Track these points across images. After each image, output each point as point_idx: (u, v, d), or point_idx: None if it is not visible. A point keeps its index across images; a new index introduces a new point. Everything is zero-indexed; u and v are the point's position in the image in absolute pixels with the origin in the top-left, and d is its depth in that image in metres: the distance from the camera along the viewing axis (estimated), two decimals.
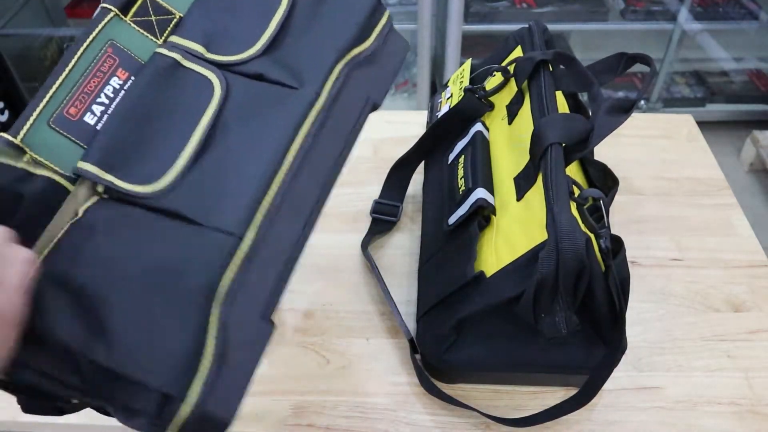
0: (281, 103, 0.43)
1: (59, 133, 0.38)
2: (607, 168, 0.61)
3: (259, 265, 0.39)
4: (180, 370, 0.34)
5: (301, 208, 0.43)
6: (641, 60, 0.56)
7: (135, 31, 0.43)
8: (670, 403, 0.58)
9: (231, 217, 0.39)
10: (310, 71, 0.45)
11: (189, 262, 0.37)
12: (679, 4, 1.87)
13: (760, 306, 0.66)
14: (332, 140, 0.46)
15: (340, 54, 0.47)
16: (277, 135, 0.42)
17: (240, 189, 0.40)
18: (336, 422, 0.58)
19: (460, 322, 0.55)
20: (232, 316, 0.36)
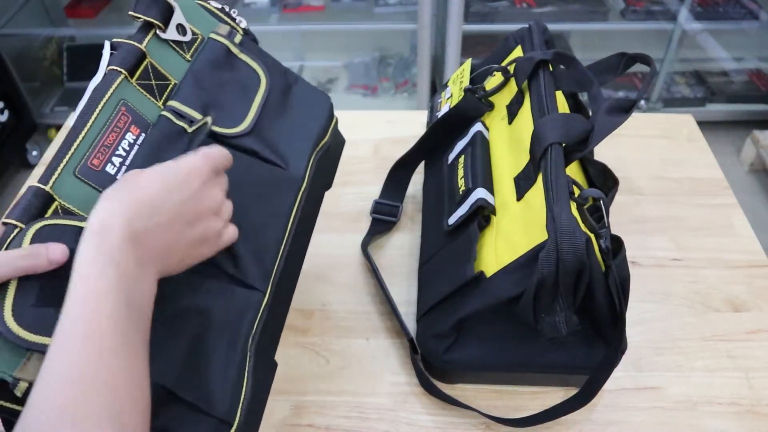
0: (278, 181, 0.52)
1: (84, 182, 0.42)
2: (607, 168, 0.61)
3: (273, 312, 0.48)
4: (231, 400, 0.42)
5: (296, 263, 0.55)
6: (641, 60, 0.56)
7: (140, 93, 0.48)
8: (670, 403, 0.58)
9: (257, 276, 0.47)
10: (294, 158, 0.54)
11: (240, 315, 0.45)
12: (679, 4, 1.87)
13: (760, 306, 0.66)
14: (310, 212, 0.57)
15: (314, 145, 0.57)
16: (281, 208, 0.51)
17: (261, 251, 0.48)
18: (336, 422, 0.58)
19: (460, 322, 0.55)
20: (257, 354, 0.45)
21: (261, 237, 0.49)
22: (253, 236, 0.48)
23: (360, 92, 2.06)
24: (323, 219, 0.77)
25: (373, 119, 0.92)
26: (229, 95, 0.52)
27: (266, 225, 0.50)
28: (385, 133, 0.89)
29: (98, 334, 0.32)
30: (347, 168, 0.84)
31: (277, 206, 0.51)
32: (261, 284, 0.47)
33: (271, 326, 0.49)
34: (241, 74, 0.54)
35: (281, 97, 0.56)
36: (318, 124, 0.58)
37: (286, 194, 0.52)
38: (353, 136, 0.90)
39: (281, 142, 0.54)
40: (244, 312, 0.45)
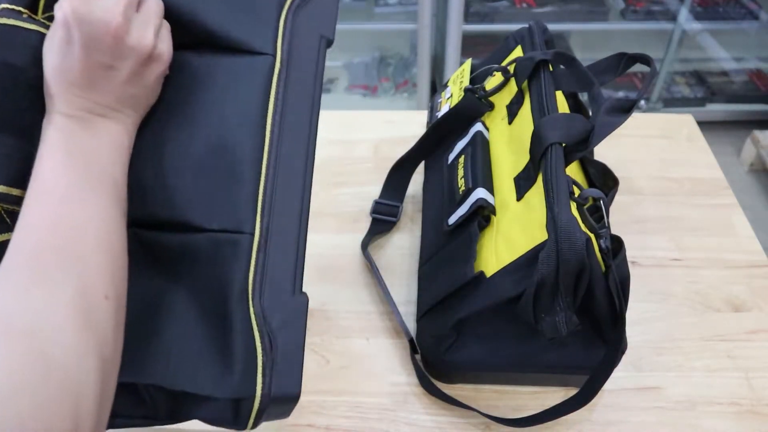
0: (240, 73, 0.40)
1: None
2: (607, 168, 0.61)
3: (274, 249, 0.39)
4: (241, 375, 0.35)
5: (294, 175, 0.41)
6: (641, 60, 0.56)
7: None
8: (670, 403, 0.58)
9: (234, 217, 0.38)
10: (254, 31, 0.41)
11: (220, 276, 0.37)
12: (679, 4, 1.87)
13: (760, 306, 0.66)
14: (301, 92, 0.42)
15: (280, 5, 0.42)
16: (249, 114, 0.39)
17: (233, 184, 0.38)
18: (336, 422, 0.58)
19: (460, 322, 0.55)
20: (265, 304, 0.37)
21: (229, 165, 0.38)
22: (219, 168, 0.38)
23: (360, 92, 2.06)
24: (323, 219, 0.77)
25: (373, 119, 0.92)
26: None
27: (232, 144, 0.38)
28: (385, 133, 0.89)
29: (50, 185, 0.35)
30: (347, 168, 0.84)
31: (240, 113, 0.39)
32: (245, 224, 0.37)
33: (279, 261, 0.39)
34: None
35: None
36: None
37: (250, 88, 0.39)
38: (353, 136, 0.90)
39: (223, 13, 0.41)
40: (232, 266, 0.37)
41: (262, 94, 0.39)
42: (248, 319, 0.36)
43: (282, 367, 0.37)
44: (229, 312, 0.36)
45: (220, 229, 0.37)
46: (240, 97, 0.39)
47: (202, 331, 0.37)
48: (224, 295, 0.37)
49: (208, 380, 0.36)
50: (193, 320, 0.37)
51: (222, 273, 0.37)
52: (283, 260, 0.39)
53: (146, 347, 0.36)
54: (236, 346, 0.36)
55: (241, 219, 0.37)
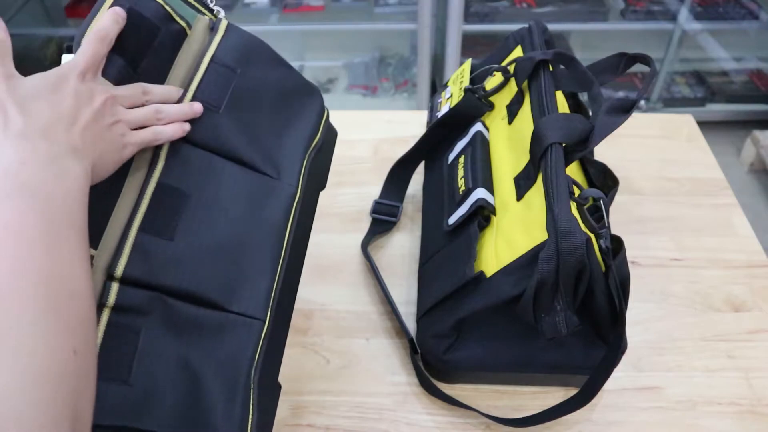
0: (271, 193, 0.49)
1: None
2: (607, 168, 0.61)
3: (274, 337, 0.46)
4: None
5: (294, 279, 0.51)
6: (641, 60, 0.56)
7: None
8: (670, 403, 0.58)
9: (253, 302, 0.44)
10: (286, 164, 0.51)
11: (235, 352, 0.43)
12: (679, 4, 1.87)
13: (760, 306, 0.66)
14: (305, 222, 0.53)
15: (305, 149, 0.53)
16: (276, 223, 0.48)
17: (257, 274, 0.45)
18: (336, 422, 0.58)
19: (460, 322, 0.55)
20: (261, 383, 0.43)
21: (254, 260, 0.45)
22: (245, 260, 0.45)
23: (360, 92, 2.06)
24: (323, 219, 0.77)
25: (373, 119, 0.92)
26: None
27: (259, 246, 0.46)
28: (385, 133, 0.89)
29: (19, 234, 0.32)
30: (347, 168, 0.84)
31: (269, 223, 0.47)
32: (260, 312, 0.44)
33: (273, 350, 0.46)
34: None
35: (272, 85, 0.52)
36: (310, 121, 0.55)
37: (279, 207, 0.48)
38: (353, 136, 0.90)
39: (271, 143, 0.50)
40: (244, 345, 0.43)
41: (285, 214, 0.49)
42: (249, 394, 0.42)
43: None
44: (239, 384, 0.42)
45: (239, 312, 0.44)
46: (269, 212, 0.48)
47: (214, 396, 0.41)
48: (237, 368, 0.42)
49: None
50: (207, 384, 0.41)
51: (236, 349, 0.43)
52: (276, 349, 0.47)
53: (168, 401, 0.39)
54: (237, 416, 0.41)
55: (258, 307, 0.45)
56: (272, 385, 0.47)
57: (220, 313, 0.43)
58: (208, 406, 0.40)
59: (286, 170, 0.50)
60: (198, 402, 0.40)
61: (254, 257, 0.45)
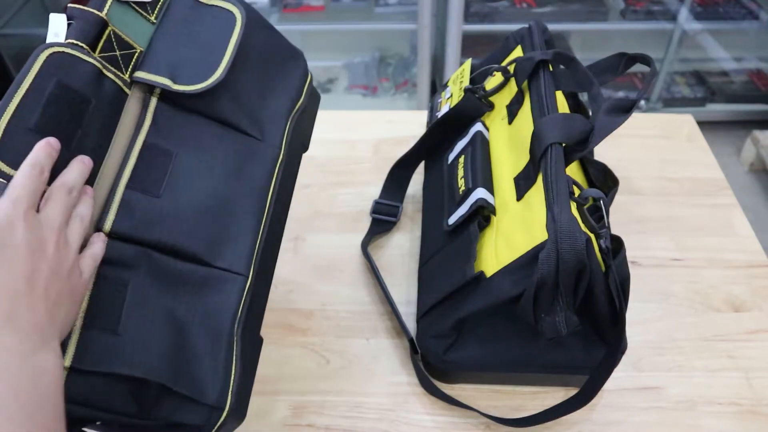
0: (255, 154, 0.50)
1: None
2: (607, 168, 0.61)
3: (257, 292, 0.48)
4: (221, 387, 0.42)
5: (276, 237, 0.52)
6: (641, 60, 0.56)
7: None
8: (670, 403, 0.58)
9: (237, 259, 0.46)
10: (270, 126, 0.52)
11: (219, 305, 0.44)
12: (679, 4, 1.87)
13: (760, 306, 0.66)
14: (288, 183, 0.54)
15: (290, 108, 0.54)
16: (259, 183, 0.50)
17: (240, 232, 0.47)
18: (336, 422, 0.58)
19: (460, 322, 0.55)
20: (243, 336, 0.45)
21: (238, 219, 0.47)
22: (229, 218, 0.47)
23: (360, 92, 2.06)
24: (323, 219, 0.77)
25: (373, 119, 0.92)
26: (201, 49, 0.49)
27: (242, 205, 0.48)
28: (385, 133, 0.89)
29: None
30: (347, 168, 0.84)
31: (252, 183, 0.49)
32: (244, 268, 0.46)
33: (255, 305, 0.48)
34: (213, 21, 0.50)
35: (257, 47, 0.52)
36: (293, 82, 0.55)
37: (262, 169, 0.50)
38: (353, 136, 0.90)
39: (255, 104, 0.51)
40: (228, 299, 0.45)
41: (268, 175, 0.50)
42: (232, 345, 0.44)
43: (242, 391, 0.44)
44: (223, 335, 0.44)
45: (223, 268, 0.45)
46: (253, 173, 0.49)
47: (200, 345, 0.43)
48: (221, 320, 0.44)
49: (200, 387, 0.42)
50: (193, 334, 0.43)
51: (220, 302, 0.44)
52: (258, 304, 0.49)
53: (155, 349, 0.41)
54: (222, 365, 0.43)
55: (242, 264, 0.46)
56: (254, 338, 0.48)
57: (204, 268, 0.45)
58: (194, 355, 0.42)
59: (270, 132, 0.51)
60: (184, 351, 0.42)
61: (238, 216, 0.47)
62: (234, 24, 0.50)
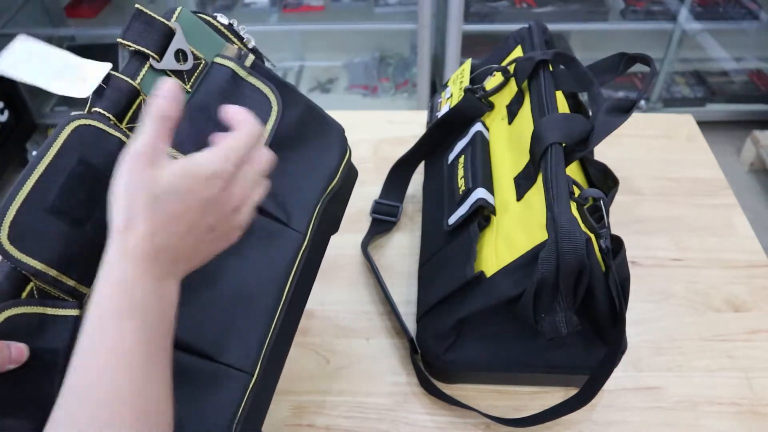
0: (276, 239, 0.46)
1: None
2: (607, 168, 0.61)
3: (262, 389, 0.44)
4: None
5: (289, 333, 0.49)
6: (641, 60, 0.56)
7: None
8: (670, 403, 0.58)
9: (244, 355, 0.43)
10: (297, 210, 0.48)
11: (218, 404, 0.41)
12: (679, 4, 1.87)
13: (760, 306, 0.66)
14: (311, 271, 0.51)
15: (322, 191, 0.50)
16: (277, 273, 0.45)
17: (250, 326, 0.43)
18: (336, 422, 0.58)
19: (460, 322, 0.55)
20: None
21: (251, 311, 0.44)
22: (242, 310, 0.43)
23: (360, 92, 2.06)
24: None
25: (373, 119, 0.92)
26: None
27: (257, 296, 0.44)
28: (385, 133, 0.89)
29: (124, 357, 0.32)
30: None
31: (271, 270, 0.45)
32: (250, 365, 0.42)
33: (259, 403, 0.44)
34: (249, 102, 0.47)
35: (292, 131, 0.49)
36: (329, 164, 0.51)
37: (283, 256, 0.46)
38: (353, 136, 0.89)
39: (285, 188, 0.47)
40: (229, 397, 0.42)
41: (288, 263, 0.46)
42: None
43: None
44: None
45: (228, 364, 0.42)
46: (272, 260, 0.45)
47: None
48: (219, 419, 0.41)
49: None
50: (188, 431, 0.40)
51: (220, 400, 0.41)
52: (263, 401, 0.46)
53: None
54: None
55: (248, 360, 0.43)
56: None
57: (210, 363, 0.42)
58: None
59: (296, 216, 0.48)
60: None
61: (250, 308, 0.44)
62: (269, 113, 0.47)
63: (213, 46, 0.47)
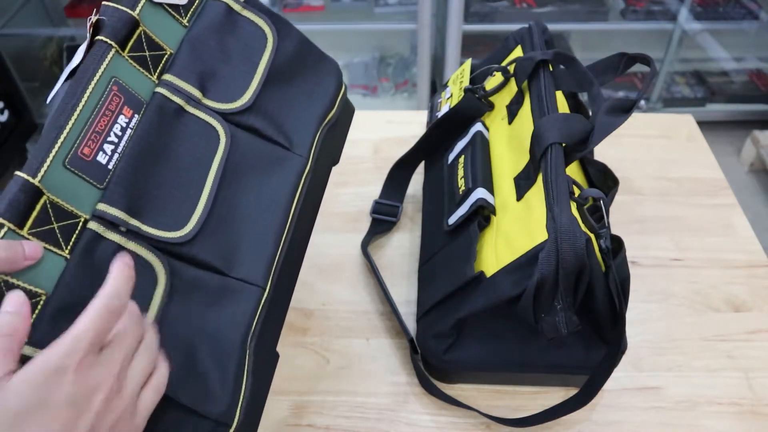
0: (280, 163, 0.48)
1: (76, 174, 0.38)
2: (607, 168, 0.61)
3: (274, 305, 0.46)
4: (229, 402, 0.40)
5: (299, 250, 0.51)
6: (641, 60, 0.56)
7: (133, 67, 0.43)
8: (670, 403, 0.58)
9: (254, 270, 0.44)
10: (298, 135, 0.50)
11: (232, 317, 0.42)
12: (679, 4, 1.87)
13: (760, 306, 0.66)
14: (315, 194, 0.53)
15: (319, 122, 0.53)
16: (281, 194, 0.47)
17: (259, 243, 0.45)
18: (336, 422, 0.58)
19: (460, 322, 0.55)
20: (257, 350, 0.43)
21: (259, 226, 0.45)
22: (251, 225, 0.45)
23: (360, 92, 2.06)
24: (323, 219, 0.77)
25: (373, 119, 0.92)
26: (231, 62, 0.48)
27: (265, 213, 0.46)
28: (385, 133, 0.89)
29: None
30: (347, 168, 0.84)
31: (277, 191, 0.47)
32: (261, 279, 0.44)
33: (272, 319, 0.46)
34: (245, 34, 0.49)
35: (288, 62, 0.51)
36: (326, 94, 0.54)
37: (287, 178, 0.48)
38: (353, 136, 0.89)
39: (285, 115, 0.50)
40: (243, 310, 0.43)
41: (293, 186, 0.48)
42: (243, 359, 0.41)
43: (252, 409, 0.42)
44: (235, 348, 0.41)
45: (240, 278, 0.43)
46: (276, 183, 0.48)
47: (209, 357, 0.40)
48: (233, 332, 0.42)
49: (205, 400, 0.39)
50: (203, 345, 0.40)
51: (233, 313, 0.42)
52: (276, 318, 0.47)
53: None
54: (231, 379, 0.40)
55: (259, 275, 0.44)
56: (269, 353, 0.46)
57: (220, 277, 0.42)
58: (202, 367, 0.40)
59: (298, 142, 0.50)
60: (191, 363, 0.39)
61: (257, 225, 0.45)
62: (264, 45, 0.50)
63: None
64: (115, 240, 0.39)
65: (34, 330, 0.33)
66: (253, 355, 0.42)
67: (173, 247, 0.41)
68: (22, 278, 0.34)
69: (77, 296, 0.35)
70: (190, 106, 0.45)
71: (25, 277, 0.34)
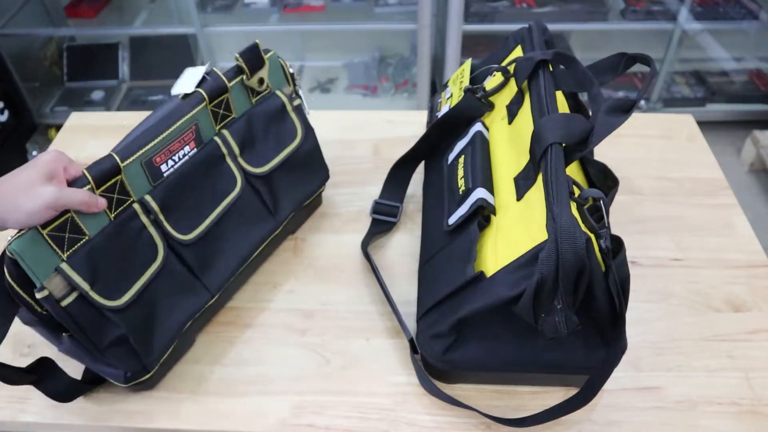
0: (262, 220, 0.67)
1: (144, 170, 0.55)
2: (607, 168, 0.61)
3: (211, 309, 0.65)
4: (155, 358, 0.58)
5: (242, 279, 0.69)
6: (641, 60, 0.56)
7: (209, 116, 0.61)
8: (670, 403, 0.58)
9: (214, 282, 0.62)
10: (281, 208, 0.69)
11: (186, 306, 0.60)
12: (679, 4, 1.87)
13: (760, 306, 0.66)
14: (270, 249, 0.72)
15: (298, 205, 0.71)
16: (254, 240, 0.66)
17: (225, 266, 0.63)
18: (336, 422, 0.58)
19: (460, 322, 0.55)
20: (185, 333, 0.61)
21: (231, 255, 0.63)
22: (226, 252, 0.63)
23: (360, 92, 2.06)
24: (323, 219, 0.77)
25: (373, 119, 0.92)
26: (267, 141, 0.66)
27: (238, 248, 0.64)
28: (385, 133, 0.89)
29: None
30: (347, 168, 0.84)
31: (253, 237, 0.66)
32: (215, 290, 0.62)
33: (204, 317, 0.64)
34: (285, 127, 0.68)
35: (300, 157, 0.69)
36: (311, 188, 0.73)
37: (262, 232, 0.67)
38: (353, 136, 0.90)
39: (281, 191, 0.68)
40: (194, 305, 0.60)
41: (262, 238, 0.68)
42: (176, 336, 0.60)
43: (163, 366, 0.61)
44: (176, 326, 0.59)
45: (203, 284, 0.62)
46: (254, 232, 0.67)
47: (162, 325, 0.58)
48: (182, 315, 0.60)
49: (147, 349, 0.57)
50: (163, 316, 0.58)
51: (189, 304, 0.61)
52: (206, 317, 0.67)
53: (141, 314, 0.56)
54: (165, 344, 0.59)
55: (215, 287, 0.63)
56: (190, 337, 0.64)
57: (193, 277, 0.60)
58: (156, 329, 0.57)
59: (279, 211, 0.68)
60: (152, 324, 0.57)
61: (230, 254, 0.63)
62: (293, 140, 0.68)
63: (278, 81, 0.68)
64: (144, 222, 0.56)
65: (73, 256, 0.50)
66: (182, 335, 0.60)
67: (175, 244, 0.58)
68: (83, 220, 0.51)
69: (105, 245, 0.53)
70: (229, 158, 0.62)
71: (85, 219, 0.51)
